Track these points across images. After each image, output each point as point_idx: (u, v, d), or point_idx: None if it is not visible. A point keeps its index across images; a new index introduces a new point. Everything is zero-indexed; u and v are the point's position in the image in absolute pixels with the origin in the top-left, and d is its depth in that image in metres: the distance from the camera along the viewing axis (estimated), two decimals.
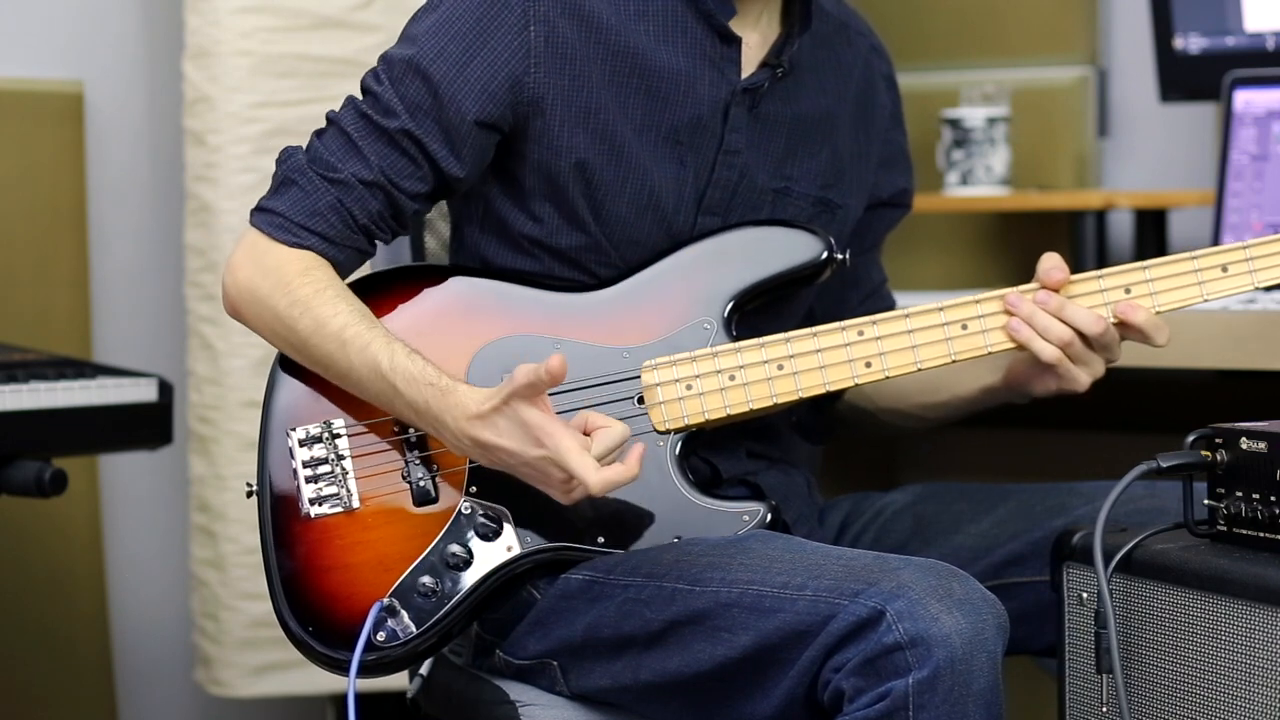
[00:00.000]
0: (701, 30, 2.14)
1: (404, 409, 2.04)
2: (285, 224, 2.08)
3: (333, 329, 2.05)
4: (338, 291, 2.07)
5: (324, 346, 2.05)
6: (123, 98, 3.39)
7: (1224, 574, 1.82)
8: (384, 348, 2.03)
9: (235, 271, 2.11)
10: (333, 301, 2.06)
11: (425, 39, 2.09)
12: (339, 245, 2.09)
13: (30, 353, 2.77)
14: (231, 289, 2.11)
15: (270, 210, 2.10)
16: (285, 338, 2.09)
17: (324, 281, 2.07)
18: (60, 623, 3.25)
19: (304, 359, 2.09)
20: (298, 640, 2.06)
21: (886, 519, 2.28)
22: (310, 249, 2.08)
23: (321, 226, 2.08)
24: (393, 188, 2.09)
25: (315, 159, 2.09)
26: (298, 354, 2.09)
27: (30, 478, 2.57)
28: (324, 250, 2.09)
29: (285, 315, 2.07)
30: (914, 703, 1.84)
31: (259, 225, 2.10)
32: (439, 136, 2.08)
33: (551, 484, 1.98)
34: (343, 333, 2.04)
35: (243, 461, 3.12)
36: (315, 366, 2.08)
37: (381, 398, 2.04)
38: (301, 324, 2.06)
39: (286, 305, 2.07)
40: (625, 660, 2.03)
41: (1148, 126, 3.25)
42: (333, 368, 2.06)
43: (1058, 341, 2.06)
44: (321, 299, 2.06)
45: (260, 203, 2.11)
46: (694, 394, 2.09)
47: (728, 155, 2.16)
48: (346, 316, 2.05)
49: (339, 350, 2.05)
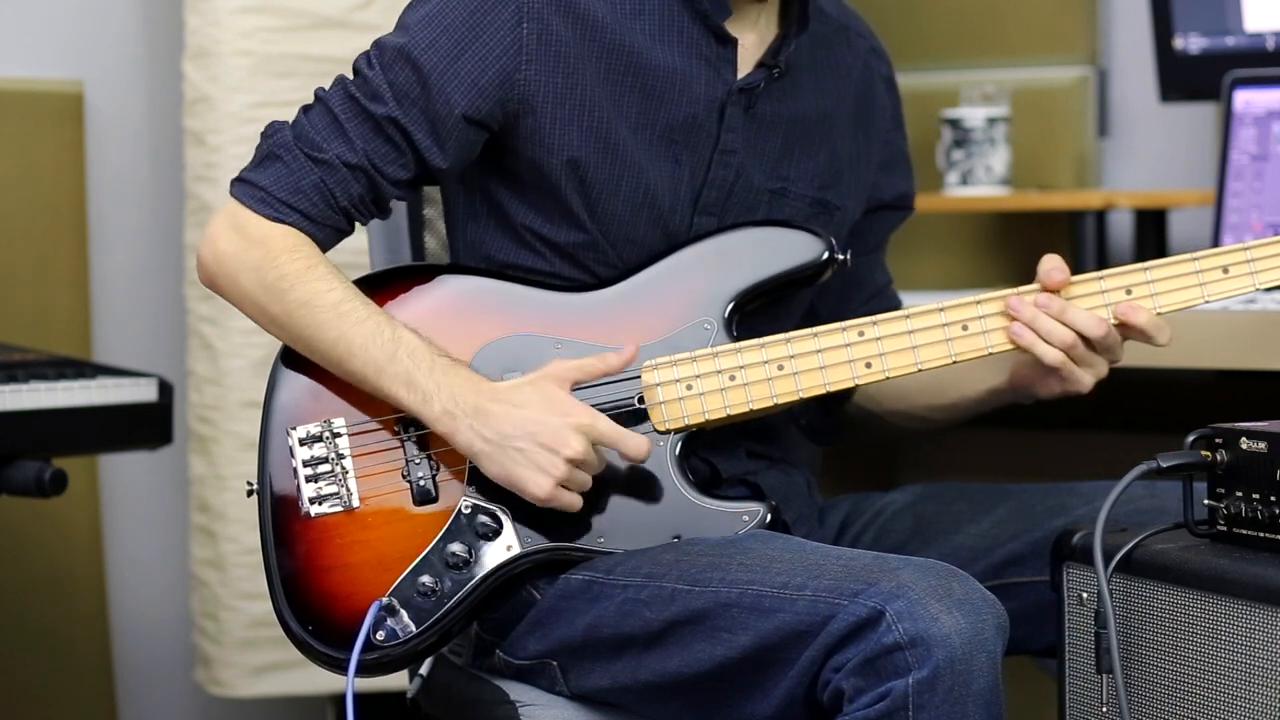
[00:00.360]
0: (698, 30, 2.14)
1: (396, 376, 2.03)
2: (267, 198, 2.09)
3: (328, 301, 2.05)
4: (330, 269, 2.08)
5: (315, 317, 2.05)
6: (123, 98, 3.39)
7: (1224, 574, 1.82)
8: (386, 322, 2.04)
9: (215, 241, 2.11)
10: (326, 277, 2.07)
11: (418, 28, 2.10)
12: (319, 224, 2.10)
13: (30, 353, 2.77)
14: (210, 258, 2.11)
15: (253, 183, 2.10)
16: (266, 308, 2.08)
17: (315, 258, 2.08)
18: (60, 623, 3.25)
19: (285, 331, 2.09)
20: (298, 640, 2.06)
21: (886, 519, 2.28)
22: (292, 225, 2.09)
23: (304, 204, 2.09)
24: (375, 172, 2.09)
25: (301, 136, 2.10)
26: (277, 325, 2.09)
27: (30, 478, 2.57)
28: (305, 227, 2.09)
29: (274, 287, 2.07)
30: (914, 703, 1.84)
31: (240, 196, 2.10)
32: (424, 126, 2.09)
33: (544, 463, 1.98)
34: (339, 305, 2.05)
35: (243, 461, 3.12)
36: (296, 339, 2.08)
37: (369, 368, 2.04)
38: (291, 296, 2.06)
39: (276, 278, 2.07)
40: (625, 660, 2.03)
41: (1148, 126, 3.25)
42: (321, 339, 2.05)
43: (1060, 344, 2.06)
44: (315, 274, 2.07)
45: (242, 174, 2.12)
46: (694, 394, 2.09)
47: (723, 155, 2.16)
48: (342, 292, 2.06)
49: (331, 320, 2.04)
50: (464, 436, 2.02)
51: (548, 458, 2.00)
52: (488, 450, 2.01)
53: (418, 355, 2.03)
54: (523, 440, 2.00)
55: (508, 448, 2.00)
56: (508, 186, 2.16)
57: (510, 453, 2.01)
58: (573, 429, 1.99)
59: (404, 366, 2.03)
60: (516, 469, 2.01)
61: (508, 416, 2.01)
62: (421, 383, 2.03)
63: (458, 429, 2.02)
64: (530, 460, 2.00)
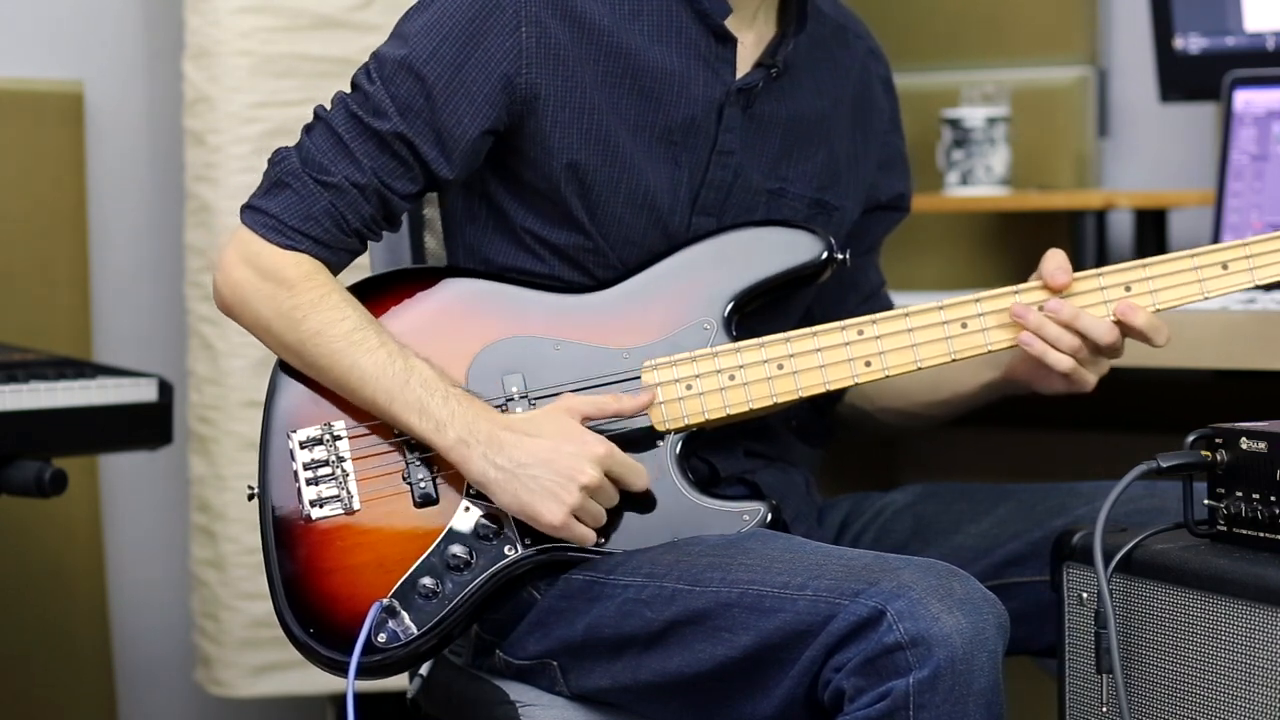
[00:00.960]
0: (696, 30, 2.14)
1: (408, 404, 2.03)
2: (279, 226, 2.09)
3: (341, 330, 2.05)
4: (343, 297, 2.08)
5: (329, 346, 2.05)
6: (123, 98, 3.39)
7: (1224, 574, 1.82)
8: (397, 350, 2.05)
9: (229, 271, 2.11)
10: (339, 306, 2.07)
11: (418, 39, 2.09)
12: (332, 249, 2.10)
13: (30, 353, 2.77)
14: (225, 287, 2.12)
15: (263, 211, 2.10)
16: (281, 337, 2.09)
17: (328, 286, 2.08)
18: (60, 623, 3.25)
19: (299, 358, 2.09)
20: (299, 642, 2.06)
21: (886, 519, 2.28)
22: (305, 252, 2.09)
23: (315, 231, 2.09)
24: (385, 189, 2.09)
25: (307, 160, 2.09)
26: (292, 353, 2.09)
27: (30, 478, 2.57)
28: (317, 253, 2.09)
29: (288, 316, 2.07)
30: (914, 702, 1.84)
31: (251, 225, 2.10)
32: (430, 139, 2.08)
33: (558, 490, 1.99)
34: (351, 335, 2.05)
35: (243, 461, 3.12)
36: (311, 366, 2.08)
37: (381, 396, 2.04)
38: (305, 326, 2.06)
39: (290, 307, 2.07)
40: (625, 660, 2.03)
41: (1148, 126, 3.25)
42: (334, 368, 2.06)
43: (1070, 351, 2.06)
44: (328, 303, 2.07)
45: (252, 201, 2.11)
46: (694, 394, 2.09)
47: (722, 155, 2.16)
48: (355, 320, 2.06)
49: (345, 350, 2.05)
50: (477, 465, 2.02)
51: (562, 485, 2.00)
52: (500, 479, 2.01)
53: (431, 384, 2.04)
54: (537, 468, 2.00)
55: (521, 475, 2.01)
56: (507, 189, 2.16)
57: (524, 480, 2.01)
58: (588, 458, 2.00)
59: (416, 395, 2.03)
60: (530, 496, 2.01)
61: (521, 445, 2.01)
62: (435, 411, 2.03)
63: (470, 458, 2.02)
64: (543, 487, 2.00)
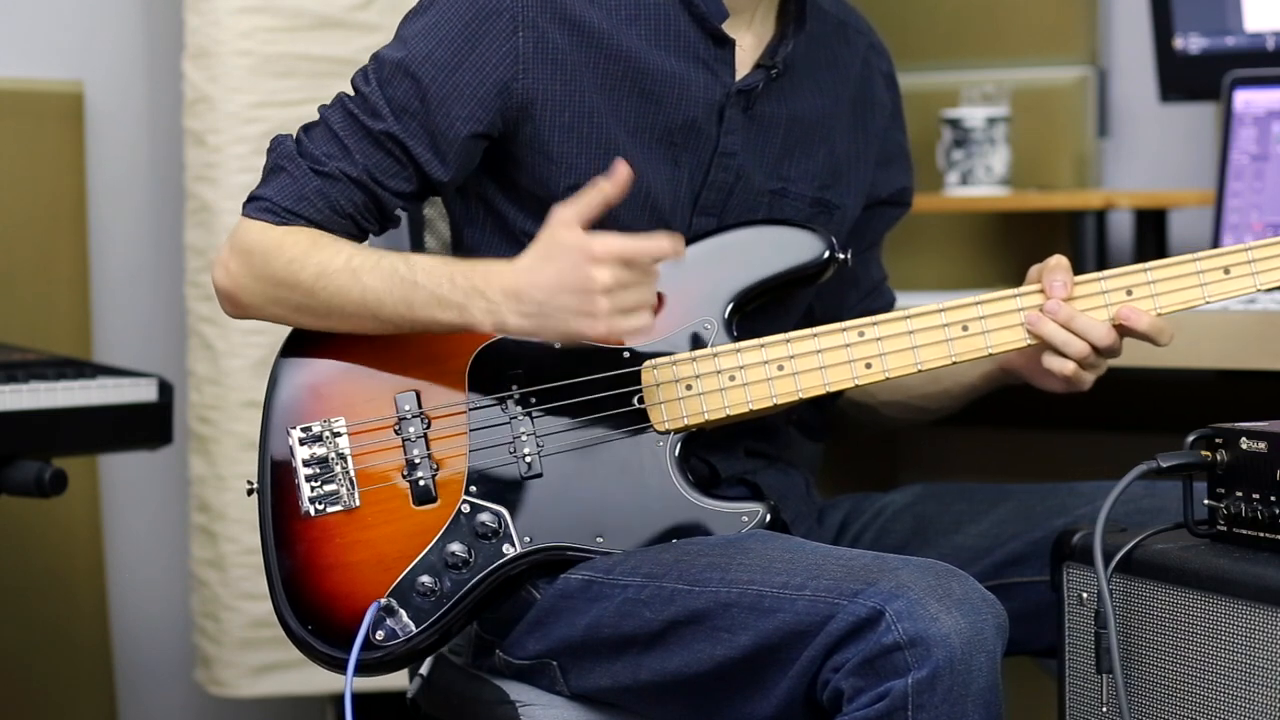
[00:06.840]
0: (694, 33, 2.14)
1: (426, 303, 2.02)
2: (273, 207, 2.09)
3: (338, 264, 2.05)
4: (331, 238, 2.08)
5: (334, 282, 2.05)
6: (123, 98, 3.39)
7: (1224, 574, 1.82)
8: (398, 258, 2.04)
9: (226, 262, 2.11)
10: (329, 245, 2.07)
11: (415, 41, 2.09)
12: (324, 229, 2.10)
13: (30, 353, 2.77)
14: (224, 279, 2.12)
15: (259, 197, 2.11)
16: (287, 300, 2.08)
17: (314, 234, 2.08)
18: (60, 623, 3.25)
19: (311, 313, 2.08)
20: (297, 639, 2.06)
21: (886, 519, 2.28)
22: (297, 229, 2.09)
23: (308, 210, 2.09)
24: (377, 186, 2.09)
25: (304, 152, 2.10)
26: (304, 311, 2.08)
27: (30, 478, 2.57)
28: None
29: (284, 274, 2.07)
30: (913, 703, 1.84)
31: (249, 213, 2.11)
32: (424, 140, 2.09)
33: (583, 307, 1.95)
34: (350, 262, 2.05)
35: (243, 461, 3.12)
36: (326, 315, 2.08)
37: (400, 307, 2.03)
38: (304, 275, 2.06)
39: (284, 265, 2.07)
40: (625, 660, 2.03)
41: (1148, 126, 3.25)
42: (348, 302, 2.05)
43: (1077, 356, 2.07)
44: (318, 246, 2.07)
45: (251, 193, 2.12)
46: (694, 394, 2.09)
47: (723, 157, 2.16)
48: (349, 251, 2.06)
49: (350, 281, 2.04)
50: (513, 322, 2.00)
51: (583, 299, 1.96)
52: (536, 323, 1.99)
53: (435, 274, 2.02)
54: (558, 296, 1.97)
55: (549, 309, 1.98)
56: (506, 193, 2.16)
57: (553, 313, 1.98)
58: (590, 261, 1.96)
59: (428, 291, 2.02)
60: (566, 326, 1.98)
61: (532, 283, 1.98)
62: (449, 297, 2.02)
63: (504, 318, 2.00)
64: (571, 311, 1.97)
